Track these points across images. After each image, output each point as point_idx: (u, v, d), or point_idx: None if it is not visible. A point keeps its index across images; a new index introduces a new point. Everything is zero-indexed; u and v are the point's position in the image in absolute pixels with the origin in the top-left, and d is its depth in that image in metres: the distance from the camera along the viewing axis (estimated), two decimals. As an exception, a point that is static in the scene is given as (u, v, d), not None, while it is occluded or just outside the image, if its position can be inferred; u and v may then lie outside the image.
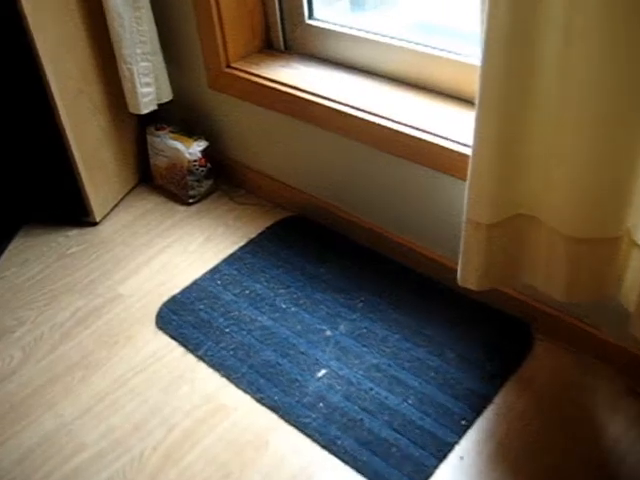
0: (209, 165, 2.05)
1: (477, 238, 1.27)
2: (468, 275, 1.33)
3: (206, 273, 1.82)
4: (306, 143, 1.84)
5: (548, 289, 1.30)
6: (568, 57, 1.08)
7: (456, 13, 1.64)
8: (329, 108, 1.65)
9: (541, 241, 1.26)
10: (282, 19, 1.85)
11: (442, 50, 1.59)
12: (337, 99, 1.66)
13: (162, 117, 2.10)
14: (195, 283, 1.80)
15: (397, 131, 1.54)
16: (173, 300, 1.75)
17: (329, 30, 1.77)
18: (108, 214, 2.07)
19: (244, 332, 1.64)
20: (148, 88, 1.94)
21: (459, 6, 1.63)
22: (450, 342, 1.57)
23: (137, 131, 2.14)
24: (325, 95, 1.68)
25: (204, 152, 2.04)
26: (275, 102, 1.78)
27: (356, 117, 1.60)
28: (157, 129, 2.09)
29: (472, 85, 1.52)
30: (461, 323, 1.61)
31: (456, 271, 1.42)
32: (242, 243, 1.91)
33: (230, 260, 1.86)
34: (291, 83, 1.74)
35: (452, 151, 1.44)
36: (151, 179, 2.18)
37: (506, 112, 1.15)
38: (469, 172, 1.24)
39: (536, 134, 1.17)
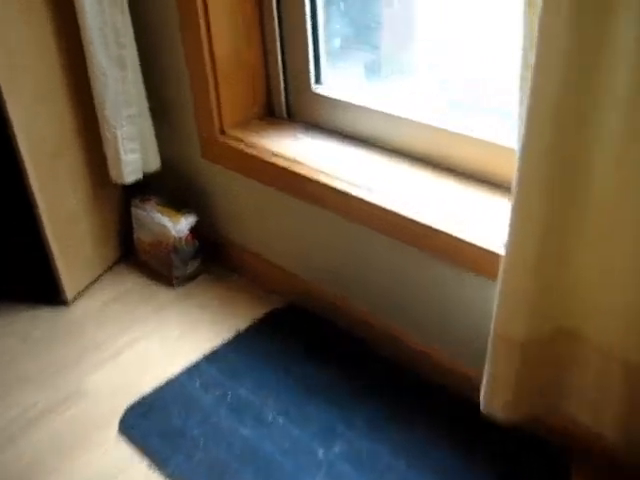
0: (197, 243, 1.83)
1: (508, 358, 1.02)
2: (494, 402, 1.08)
3: (184, 370, 1.57)
4: (308, 225, 1.61)
5: (597, 425, 1.04)
6: (628, 140, 0.85)
7: (484, 86, 1.43)
8: (334, 188, 1.42)
9: (590, 364, 1.00)
10: (286, 84, 1.64)
11: (466, 127, 1.37)
12: (344, 178, 1.43)
13: (150, 186, 1.88)
14: (170, 382, 1.54)
15: (411, 219, 1.30)
16: (143, 401, 1.50)
17: (337, 99, 1.56)
18: (82, 292, 1.84)
19: (222, 446, 1.38)
20: (133, 155, 1.72)
21: (487, 79, 1.41)
22: (466, 473, 1.30)
23: (121, 201, 1.92)
24: (331, 173, 1.45)
25: (192, 228, 1.81)
26: (273, 177, 1.56)
27: (364, 200, 1.37)
28: (142, 201, 1.87)
29: (502, 168, 1.30)
30: (481, 449, 1.34)
31: (478, 384, 1.17)
32: (229, 336, 1.66)
33: (213, 356, 1.61)
34: (292, 156, 1.52)
35: (478, 247, 1.20)
36: (135, 254, 1.95)
37: (551, 203, 0.92)
38: (500, 275, 1.00)
39: (588, 228, 0.93)
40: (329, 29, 1.60)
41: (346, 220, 1.47)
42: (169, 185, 1.91)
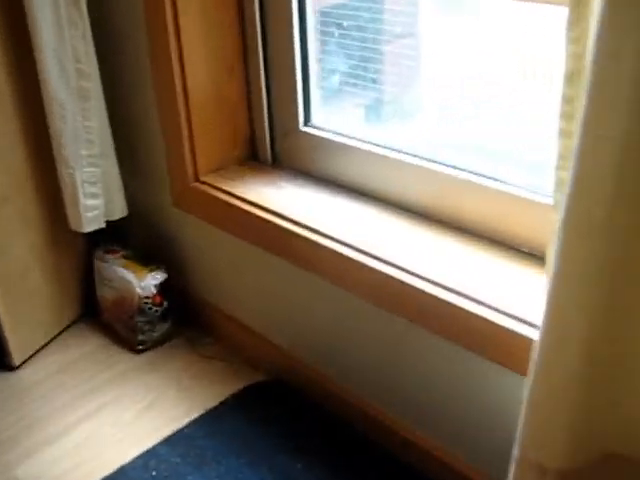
0: (166, 304, 1.59)
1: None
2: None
3: (139, 456, 1.33)
4: (292, 288, 1.38)
5: None
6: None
7: (503, 131, 1.21)
8: (320, 245, 1.20)
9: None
10: (271, 124, 1.43)
11: (480, 176, 1.16)
12: (332, 234, 1.21)
13: (117, 236, 1.66)
14: (121, 470, 1.30)
15: (412, 286, 1.07)
16: (86, 495, 1.26)
17: (329, 140, 1.34)
18: (33, 356, 1.61)
19: None
20: (94, 200, 1.50)
21: (507, 122, 1.20)
22: None
23: (83, 252, 1.69)
24: (318, 228, 1.23)
25: (162, 286, 1.58)
26: (251, 231, 1.34)
27: (357, 262, 1.14)
28: (107, 252, 1.64)
29: (524, 227, 1.08)
30: None
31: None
32: (196, 414, 1.42)
33: (175, 439, 1.36)
34: (274, 208, 1.30)
35: (500, 327, 0.97)
36: (98, 313, 1.71)
37: (604, 283, 0.69)
38: (532, 374, 0.76)
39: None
40: (327, 63, 1.39)
41: (341, 288, 1.24)
42: (138, 235, 1.69)
